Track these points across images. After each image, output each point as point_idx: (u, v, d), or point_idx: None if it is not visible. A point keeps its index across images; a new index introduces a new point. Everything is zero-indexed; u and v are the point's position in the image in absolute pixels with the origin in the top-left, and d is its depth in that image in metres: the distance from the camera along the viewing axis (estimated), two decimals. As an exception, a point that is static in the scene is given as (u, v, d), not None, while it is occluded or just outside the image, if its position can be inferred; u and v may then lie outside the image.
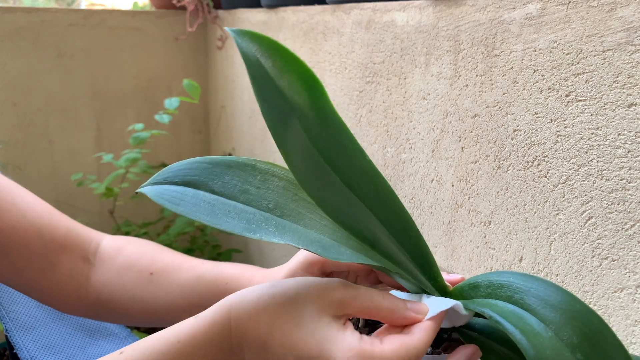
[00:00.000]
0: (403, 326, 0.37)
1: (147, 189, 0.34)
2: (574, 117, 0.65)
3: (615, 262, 0.62)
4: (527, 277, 0.37)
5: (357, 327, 0.43)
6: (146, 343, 0.37)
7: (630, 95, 0.58)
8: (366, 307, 0.36)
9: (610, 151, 0.61)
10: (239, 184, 0.35)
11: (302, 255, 0.48)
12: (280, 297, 0.36)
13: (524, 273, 0.50)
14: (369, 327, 0.43)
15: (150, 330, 1.62)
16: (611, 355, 0.31)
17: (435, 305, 0.36)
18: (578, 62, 0.63)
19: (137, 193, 0.35)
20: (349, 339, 0.35)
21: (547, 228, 0.69)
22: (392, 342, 0.35)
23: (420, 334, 0.35)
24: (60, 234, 0.57)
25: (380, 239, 0.35)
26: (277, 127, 0.30)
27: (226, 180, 0.35)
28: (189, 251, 1.49)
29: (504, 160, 0.75)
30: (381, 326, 0.40)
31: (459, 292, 0.40)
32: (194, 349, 0.36)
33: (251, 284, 0.51)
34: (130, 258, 0.57)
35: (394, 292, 0.38)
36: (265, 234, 0.32)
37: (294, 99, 0.30)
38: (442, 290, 0.40)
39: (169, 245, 1.26)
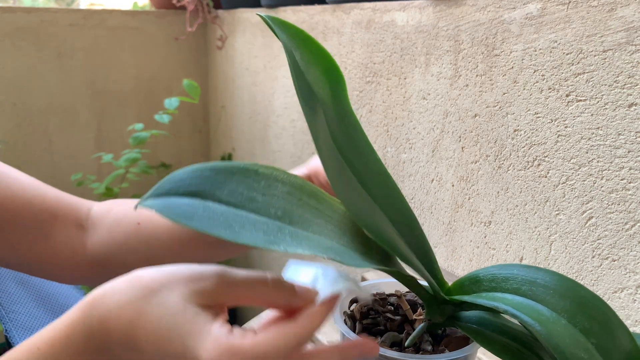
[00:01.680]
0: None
1: (152, 203, 0.31)
2: (574, 117, 0.64)
3: (616, 262, 0.62)
4: (531, 269, 0.37)
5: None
6: (11, 353, 0.35)
7: (631, 95, 0.58)
8: (245, 296, 0.33)
9: (611, 151, 0.61)
10: (245, 192, 0.34)
11: (304, 166, 0.46)
12: (144, 290, 0.32)
13: (526, 264, 0.50)
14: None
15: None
16: (618, 335, 0.33)
17: (327, 285, 0.34)
18: (578, 62, 0.63)
19: (136, 207, 0.31)
20: (215, 332, 0.31)
21: (548, 228, 0.69)
22: (268, 332, 0.31)
23: (305, 321, 0.32)
24: (50, 204, 0.57)
25: (395, 239, 0.35)
26: (309, 115, 0.29)
27: (232, 188, 0.33)
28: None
29: (504, 160, 0.74)
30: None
31: (459, 287, 0.40)
32: (54, 355, 0.34)
33: None
34: (119, 215, 0.58)
35: (291, 264, 0.36)
36: (285, 245, 0.31)
37: (319, 92, 0.30)
38: (443, 287, 0.40)
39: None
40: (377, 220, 0.34)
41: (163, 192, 0.32)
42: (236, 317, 1.69)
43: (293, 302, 0.33)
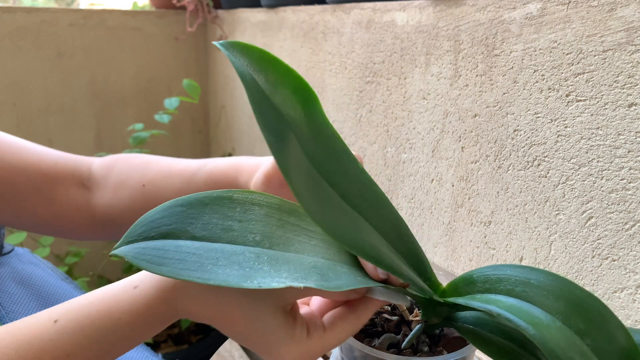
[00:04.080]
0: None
1: (122, 250, 0.30)
2: (574, 117, 0.64)
3: (616, 262, 0.62)
4: (524, 269, 0.37)
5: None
6: (83, 315, 0.35)
7: (631, 95, 0.58)
8: (312, 296, 0.37)
9: (611, 151, 0.61)
10: (220, 222, 0.33)
11: (261, 172, 0.47)
12: (235, 291, 0.34)
13: (520, 265, 0.50)
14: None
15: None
16: (614, 334, 0.32)
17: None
18: (578, 62, 0.63)
19: (111, 255, 0.31)
20: (297, 338, 0.35)
21: (548, 228, 0.69)
22: (334, 328, 0.37)
23: (361, 313, 0.37)
24: (47, 167, 0.57)
25: (381, 250, 0.35)
26: (275, 144, 0.28)
27: (205, 220, 0.32)
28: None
29: (504, 160, 0.74)
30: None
31: (454, 288, 0.40)
32: (136, 325, 0.35)
33: (237, 182, 0.50)
34: (122, 175, 0.57)
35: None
36: (261, 277, 0.30)
37: (289, 114, 0.29)
38: (437, 289, 0.40)
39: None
40: (361, 235, 0.33)
41: (134, 238, 0.31)
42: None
43: (351, 297, 0.37)
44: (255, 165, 0.50)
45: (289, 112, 0.29)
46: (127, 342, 0.36)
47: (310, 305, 0.40)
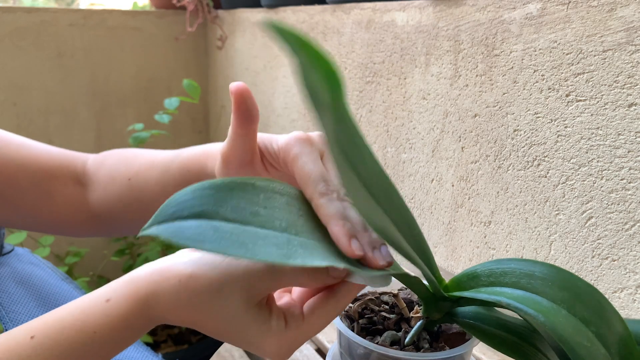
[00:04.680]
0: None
1: (155, 230, 0.31)
2: (574, 117, 0.64)
3: (616, 262, 0.62)
4: (527, 262, 0.38)
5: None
6: (57, 331, 0.35)
7: (631, 95, 0.58)
8: (289, 284, 0.36)
9: (611, 151, 0.61)
10: (248, 207, 0.33)
11: (219, 154, 0.46)
12: (203, 294, 0.34)
13: (523, 258, 0.51)
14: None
15: (154, 334, 1.62)
16: (613, 323, 0.34)
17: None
18: (578, 62, 0.63)
19: (139, 237, 0.32)
20: (274, 329, 0.35)
21: (547, 228, 0.69)
22: (313, 315, 0.36)
23: (342, 297, 0.37)
24: (44, 163, 0.57)
25: (400, 239, 0.36)
26: (316, 118, 0.29)
27: (234, 204, 0.33)
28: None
29: (504, 160, 0.74)
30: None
31: (457, 283, 0.40)
32: (111, 337, 0.35)
33: (206, 168, 0.50)
34: (111, 170, 0.58)
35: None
36: (301, 258, 0.31)
37: (320, 97, 0.30)
38: (441, 284, 0.40)
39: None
40: (380, 220, 0.34)
41: (167, 218, 0.31)
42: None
43: (328, 283, 0.36)
44: (219, 150, 0.50)
45: (320, 95, 0.30)
46: (105, 354, 0.36)
47: (292, 294, 0.39)
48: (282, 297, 0.39)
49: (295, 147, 0.40)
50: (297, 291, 0.39)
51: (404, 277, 0.38)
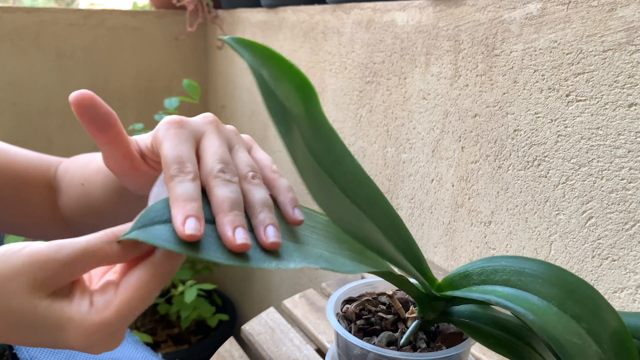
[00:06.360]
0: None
1: (134, 234, 0.30)
2: (574, 117, 0.64)
3: (616, 262, 0.62)
4: (518, 259, 0.38)
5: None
6: None
7: (631, 95, 0.58)
8: (85, 269, 0.31)
9: (611, 151, 0.61)
10: (207, 210, 0.34)
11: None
12: None
13: (514, 255, 0.50)
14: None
15: (154, 334, 1.62)
16: (606, 317, 0.33)
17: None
18: (578, 62, 0.63)
19: (119, 241, 0.30)
20: (75, 317, 0.30)
21: (548, 228, 0.69)
22: (127, 291, 0.31)
23: (158, 266, 0.31)
24: (20, 169, 0.58)
25: (382, 242, 0.35)
26: (283, 134, 0.29)
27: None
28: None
29: (504, 160, 0.74)
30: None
31: (449, 282, 0.40)
32: None
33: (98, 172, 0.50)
34: (72, 175, 0.58)
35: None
36: (277, 261, 0.31)
37: (291, 109, 0.30)
38: (433, 284, 0.40)
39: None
40: (362, 226, 0.34)
41: (147, 222, 0.31)
42: (236, 317, 1.69)
43: (130, 257, 0.32)
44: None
45: (291, 107, 0.30)
46: None
47: (116, 274, 0.34)
48: (104, 279, 0.34)
49: (159, 133, 0.38)
50: (118, 269, 0.34)
51: (388, 276, 0.38)
